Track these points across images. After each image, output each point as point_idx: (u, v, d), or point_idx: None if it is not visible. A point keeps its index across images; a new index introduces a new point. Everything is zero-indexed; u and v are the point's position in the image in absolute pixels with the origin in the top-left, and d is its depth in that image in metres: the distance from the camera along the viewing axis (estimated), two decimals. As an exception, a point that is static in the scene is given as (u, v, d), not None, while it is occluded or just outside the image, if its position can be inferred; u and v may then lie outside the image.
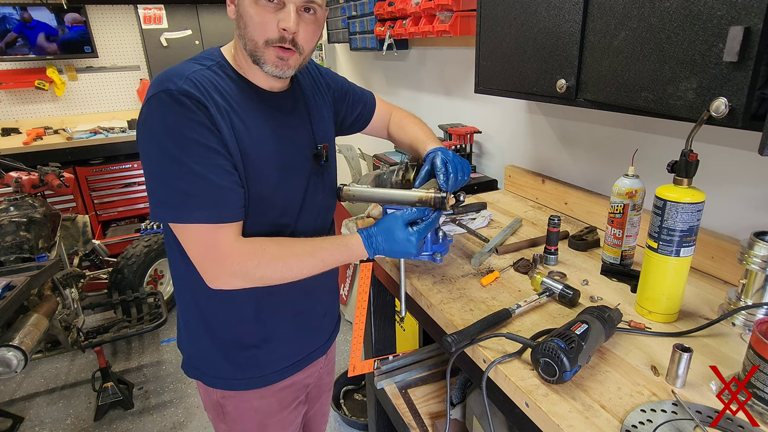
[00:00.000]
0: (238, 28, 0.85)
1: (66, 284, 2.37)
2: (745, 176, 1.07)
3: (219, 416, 1.08)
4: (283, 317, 1.03)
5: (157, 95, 0.80)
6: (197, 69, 0.85)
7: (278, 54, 0.85)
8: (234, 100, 0.87)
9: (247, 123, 0.88)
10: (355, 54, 3.30)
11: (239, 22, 0.85)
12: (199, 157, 0.80)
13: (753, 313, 0.90)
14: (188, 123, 0.79)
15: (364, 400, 2.30)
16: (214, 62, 0.89)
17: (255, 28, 0.82)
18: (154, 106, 0.80)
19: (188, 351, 1.07)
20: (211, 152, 0.81)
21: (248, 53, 0.86)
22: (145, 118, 0.81)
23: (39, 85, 3.72)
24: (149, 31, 3.91)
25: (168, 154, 0.79)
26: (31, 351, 1.77)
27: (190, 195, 0.80)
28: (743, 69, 0.71)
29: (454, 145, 1.94)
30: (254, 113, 0.89)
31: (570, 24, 1.04)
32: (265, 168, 0.90)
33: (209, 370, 1.03)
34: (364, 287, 1.28)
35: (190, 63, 0.87)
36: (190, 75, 0.83)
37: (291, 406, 1.12)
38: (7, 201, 2.39)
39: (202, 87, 0.82)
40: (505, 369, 0.82)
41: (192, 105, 0.79)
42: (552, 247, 1.18)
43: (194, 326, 1.02)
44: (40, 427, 2.24)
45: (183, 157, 0.79)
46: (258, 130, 0.89)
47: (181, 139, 0.79)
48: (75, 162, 3.50)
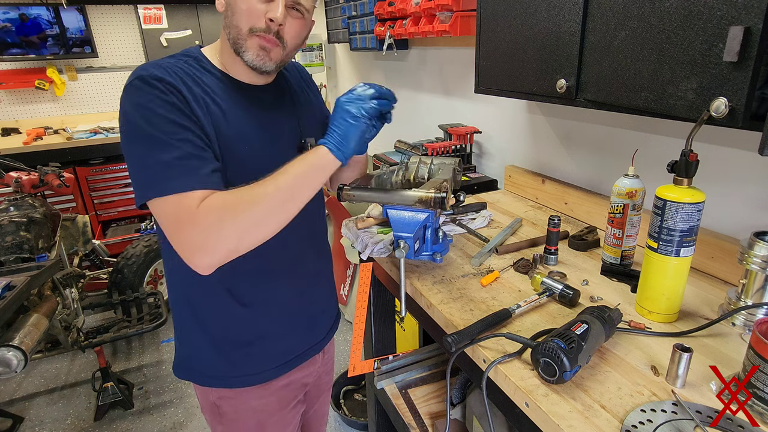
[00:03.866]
0: (225, 17, 0.87)
1: (66, 284, 2.37)
2: (745, 176, 1.07)
3: (216, 418, 1.07)
4: (276, 315, 1.02)
5: (130, 83, 0.81)
6: (173, 61, 0.87)
7: (261, 43, 0.85)
8: (211, 89, 0.87)
9: (224, 109, 0.88)
10: (355, 54, 3.30)
11: (227, 12, 0.87)
12: (168, 132, 0.79)
13: (753, 313, 0.90)
14: (158, 102, 0.80)
15: (364, 400, 2.30)
16: (191, 57, 0.90)
17: (241, 15, 0.84)
18: (127, 92, 0.81)
19: (181, 351, 1.05)
20: (180, 128, 0.80)
21: (231, 42, 0.87)
22: (120, 107, 0.82)
23: (39, 85, 3.72)
24: (149, 31, 3.91)
25: (138, 132, 0.79)
26: (31, 351, 1.77)
27: (160, 167, 0.79)
28: (743, 69, 0.71)
29: (453, 145, 1.94)
30: (232, 101, 0.90)
31: (570, 24, 1.04)
32: (243, 153, 0.89)
33: (203, 369, 1.02)
34: (364, 287, 1.28)
35: (166, 58, 0.89)
36: (164, 64, 0.84)
37: (290, 406, 1.12)
38: (7, 201, 2.39)
39: (175, 75, 0.83)
40: (505, 369, 0.82)
41: (163, 87, 0.80)
42: (552, 247, 1.18)
43: (186, 324, 1.01)
44: (40, 427, 2.24)
45: (152, 131, 0.79)
46: (235, 117, 0.89)
47: (150, 116, 0.79)
48: (75, 162, 3.50)
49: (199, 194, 0.79)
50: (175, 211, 0.79)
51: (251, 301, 0.98)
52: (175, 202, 0.78)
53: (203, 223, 0.77)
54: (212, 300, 0.96)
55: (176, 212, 0.79)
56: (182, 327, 1.03)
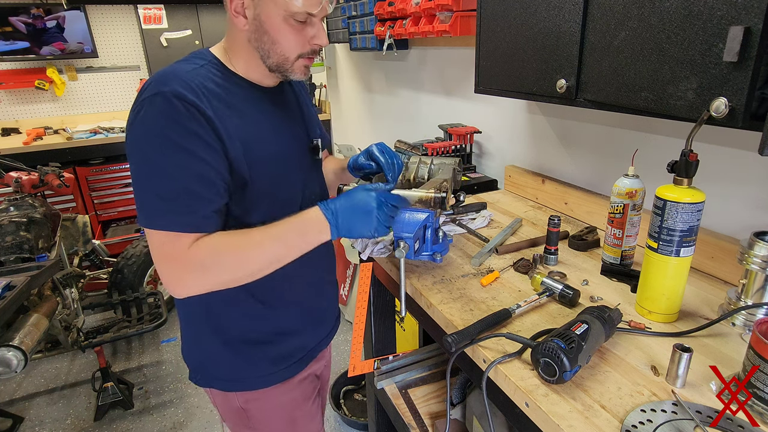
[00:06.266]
0: (258, 41, 0.86)
1: (66, 284, 2.37)
2: (745, 176, 1.07)
3: (243, 422, 1.05)
4: (293, 311, 1.03)
5: (149, 98, 0.78)
6: (191, 69, 0.84)
7: (306, 64, 0.90)
8: (229, 97, 0.87)
9: (245, 119, 0.88)
10: (355, 54, 3.29)
11: (262, 36, 0.85)
12: (179, 163, 0.78)
13: (753, 313, 0.90)
14: (176, 127, 0.77)
15: (364, 400, 2.30)
16: (206, 61, 0.89)
17: (289, 45, 0.86)
18: (146, 109, 0.78)
19: (197, 359, 1.03)
20: (193, 159, 0.79)
21: (270, 66, 0.89)
22: (134, 121, 0.79)
23: (39, 85, 3.72)
24: (149, 31, 3.91)
25: (148, 155, 0.78)
26: (31, 351, 1.77)
27: (162, 200, 0.78)
28: (743, 69, 0.71)
29: (453, 145, 1.94)
30: (250, 109, 0.90)
31: (570, 24, 1.04)
32: (266, 161, 0.90)
33: (224, 375, 1.01)
34: (364, 287, 1.28)
35: (183, 63, 0.86)
36: (184, 76, 0.81)
37: (312, 397, 1.13)
38: (7, 201, 2.40)
39: (197, 88, 0.81)
40: (505, 369, 0.82)
41: (184, 109, 0.78)
42: (552, 247, 1.18)
43: (201, 331, 1.00)
44: (40, 427, 2.24)
45: (161, 159, 0.78)
46: (255, 126, 0.90)
47: (166, 143, 0.77)
48: (75, 162, 3.50)
49: (191, 237, 0.81)
50: (164, 246, 0.81)
51: (270, 299, 0.98)
52: (165, 237, 0.80)
53: (189, 265, 0.80)
54: (232, 302, 0.96)
55: (165, 247, 0.80)
56: (194, 334, 1.01)
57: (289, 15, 0.83)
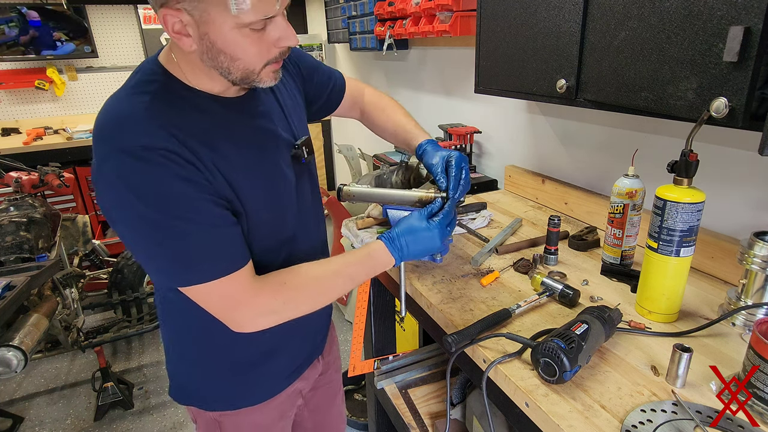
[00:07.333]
0: (214, 60, 0.73)
1: (66, 284, 2.37)
2: (745, 176, 1.07)
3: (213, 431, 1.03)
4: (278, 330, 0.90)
5: (112, 159, 0.70)
6: (145, 103, 0.73)
7: (275, 68, 0.78)
8: (200, 129, 0.77)
9: (225, 152, 0.79)
10: (355, 54, 3.30)
11: (217, 56, 0.72)
12: (185, 212, 0.72)
13: (753, 313, 0.90)
14: (161, 179, 0.70)
15: (364, 400, 2.30)
16: (158, 83, 0.76)
17: (252, 59, 0.74)
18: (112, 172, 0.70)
19: (180, 378, 1.00)
20: (194, 201, 0.73)
21: (234, 81, 0.77)
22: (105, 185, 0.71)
23: (39, 85, 3.72)
24: (149, 31, 3.91)
25: (150, 222, 0.71)
26: (31, 351, 1.77)
27: (190, 255, 0.73)
28: (743, 69, 0.71)
29: (453, 145, 1.94)
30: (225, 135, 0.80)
31: (570, 24, 1.04)
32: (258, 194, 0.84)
33: (206, 394, 0.98)
34: (364, 287, 1.28)
35: (133, 96, 0.75)
36: (142, 118, 0.72)
37: (289, 414, 1.10)
38: (7, 201, 2.39)
39: (162, 129, 0.71)
40: (505, 369, 0.82)
41: (159, 158, 0.69)
42: (552, 247, 1.18)
43: (186, 351, 0.97)
44: (40, 427, 2.24)
45: (167, 219, 0.71)
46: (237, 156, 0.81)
47: (158, 200, 0.70)
48: (75, 162, 3.50)
49: (243, 273, 0.79)
50: (221, 294, 0.78)
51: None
52: (218, 287, 0.76)
53: (264, 307, 0.81)
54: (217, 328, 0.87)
55: (223, 295, 0.78)
56: (179, 354, 0.99)
57: (242, 26, 0.69)
